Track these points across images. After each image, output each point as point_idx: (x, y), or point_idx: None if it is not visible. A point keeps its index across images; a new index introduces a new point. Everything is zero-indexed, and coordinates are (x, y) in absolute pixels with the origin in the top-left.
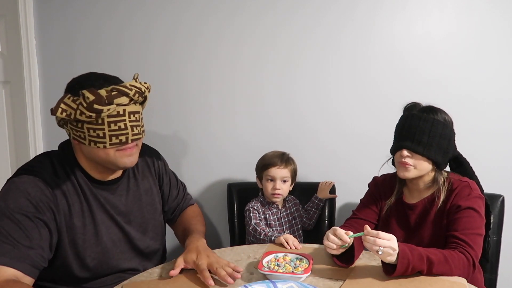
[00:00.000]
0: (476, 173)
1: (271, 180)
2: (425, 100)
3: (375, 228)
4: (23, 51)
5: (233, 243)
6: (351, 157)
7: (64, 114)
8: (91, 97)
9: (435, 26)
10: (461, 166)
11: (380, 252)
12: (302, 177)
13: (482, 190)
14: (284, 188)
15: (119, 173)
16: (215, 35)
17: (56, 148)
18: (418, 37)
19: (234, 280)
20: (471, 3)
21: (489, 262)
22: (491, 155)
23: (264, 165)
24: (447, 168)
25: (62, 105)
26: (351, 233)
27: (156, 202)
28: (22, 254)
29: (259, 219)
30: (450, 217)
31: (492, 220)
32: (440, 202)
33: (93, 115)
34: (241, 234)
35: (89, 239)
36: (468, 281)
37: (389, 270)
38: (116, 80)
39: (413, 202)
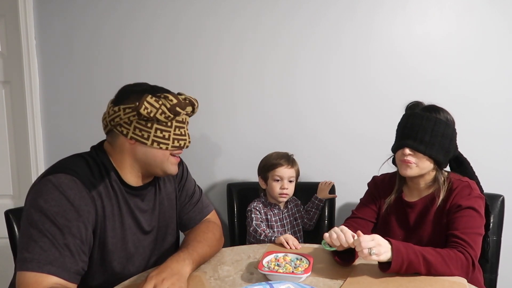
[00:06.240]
0: (476, 173)
1: (278, 180)
2: (425, 100)
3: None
4: (23, 51)
5: (233, 243)
6: (351, 157)
7: (146, 111)
8: (174, 100)
9: (435, 26)
10: (461, 165)
11: (372, 253)
12: (302, 177)
13: (482, 190)
14: (290, 188)
15: (149, 179)
16: (215, 35)
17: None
18: (418, 37)
19: None
20: (471, 3)
21: (489, 262)
22: (491, 155)
23: (271, 164)
24: (447, 168)
25: (146, 103)
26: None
27: (174, 205)
28: (67, 263)
29: (260, 220)
30: (450, 216)
31: (492, 220)
32: (440, 201)
33: (172, 116)
34: (241, 234)
35: (116, 242)
36: (468, 281)
37: (384, 267)
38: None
39: (413, 200)
